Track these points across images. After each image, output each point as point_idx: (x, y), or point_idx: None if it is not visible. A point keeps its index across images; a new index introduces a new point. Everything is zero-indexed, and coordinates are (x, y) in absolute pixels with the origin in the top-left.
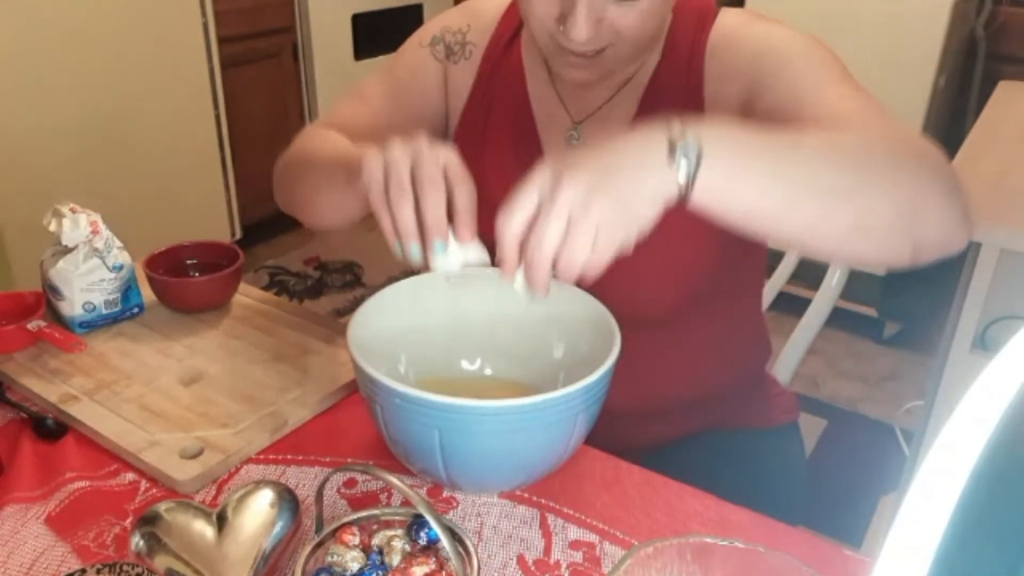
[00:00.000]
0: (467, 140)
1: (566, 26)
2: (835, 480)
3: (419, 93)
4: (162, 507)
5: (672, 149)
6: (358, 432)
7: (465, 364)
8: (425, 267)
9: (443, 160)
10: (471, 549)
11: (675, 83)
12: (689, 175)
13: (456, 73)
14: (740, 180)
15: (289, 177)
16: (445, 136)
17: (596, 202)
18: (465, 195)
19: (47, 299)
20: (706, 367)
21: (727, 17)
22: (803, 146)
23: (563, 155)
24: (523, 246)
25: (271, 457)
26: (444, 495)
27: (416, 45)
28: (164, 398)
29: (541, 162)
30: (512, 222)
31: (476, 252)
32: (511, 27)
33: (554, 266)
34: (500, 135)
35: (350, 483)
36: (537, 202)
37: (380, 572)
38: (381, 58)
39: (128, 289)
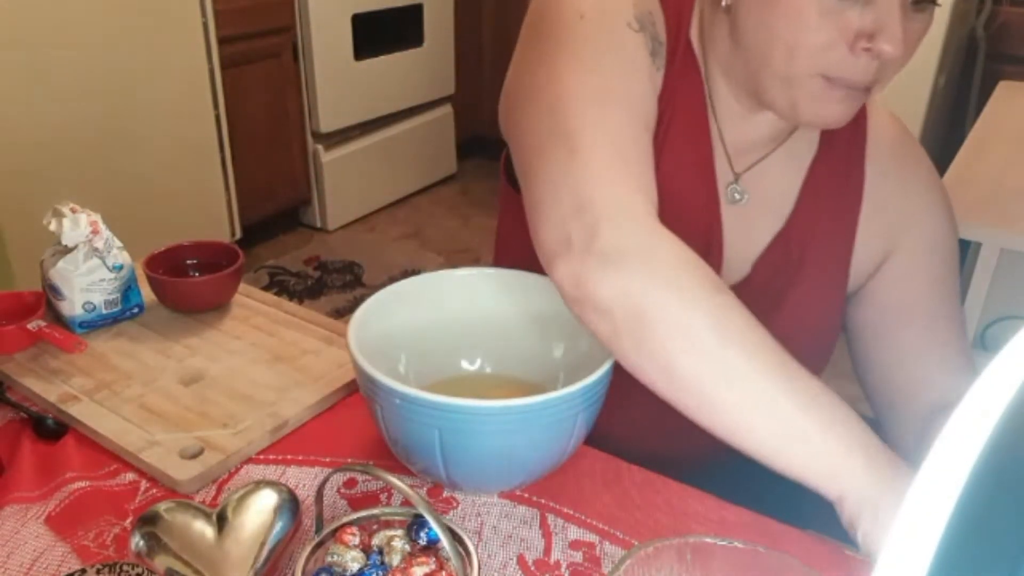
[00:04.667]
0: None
1: (877, 40)
2: None
3: (648, 93)
4: (162, 507)
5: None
6: (358, 432)
7: (465, 364)
8: None
9: None
10: (471, 549)
11: (838, 174)
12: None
13: (654, 81)
14: None
15: (676, 333)
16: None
17: None
18: None
19: (47, 299)
20: None
21: (883, 118)
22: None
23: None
24: None
25: (271, 457)
26: (444, 495)
27: (623, 26)
28: (164, 398)
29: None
30: None
31: None
32: (679, 29)
33: None
34: (675, 164)
35: (350, 483)
36: None
37: (380, 572)
38: (381, 58)
39: (128, 289)
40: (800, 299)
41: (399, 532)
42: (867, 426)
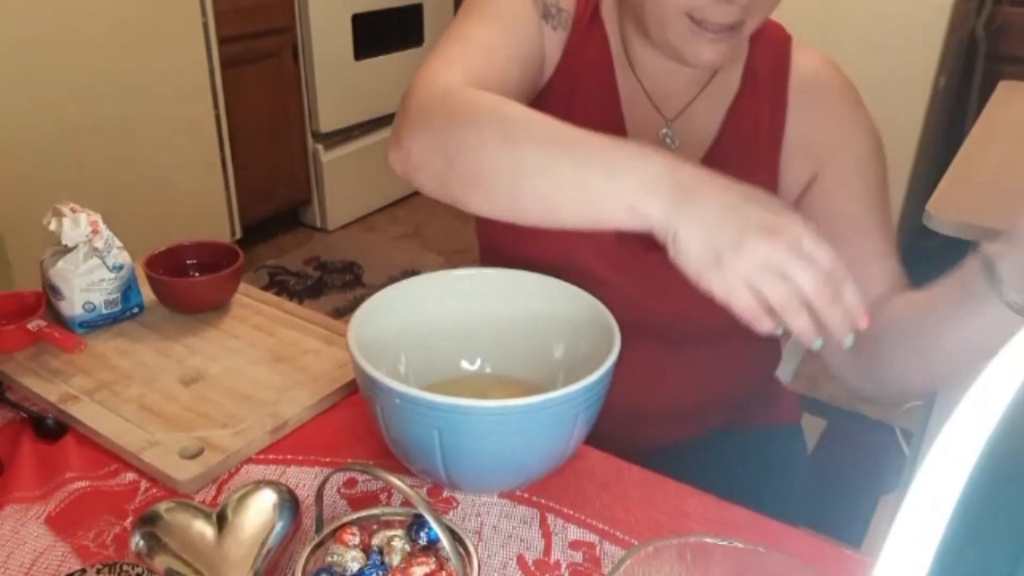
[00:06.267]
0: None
1: None
2: (835, 480)
3: (523, 38)
4: (162, 507)
5: None
6: (358, 432)
7: (465, 364)
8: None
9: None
10: (471, 549)
11: (760, 109)
12: None
13: (548, 40)
14: None
15: (475, 150)
16: (531, 94)
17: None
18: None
19: (47, 299)
20: (722, 375)
21: (808, 56)
22: None
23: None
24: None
25: (271, 457)
26: (444, 495)
27: None
28: (164, 398)
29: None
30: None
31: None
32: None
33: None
34: (583, 120)
35: (350, 483)
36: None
37: (380, 572)
38: (381, 58)
39: (128, 289)
40: None
41: (399, 532)
42: (669, 159)
